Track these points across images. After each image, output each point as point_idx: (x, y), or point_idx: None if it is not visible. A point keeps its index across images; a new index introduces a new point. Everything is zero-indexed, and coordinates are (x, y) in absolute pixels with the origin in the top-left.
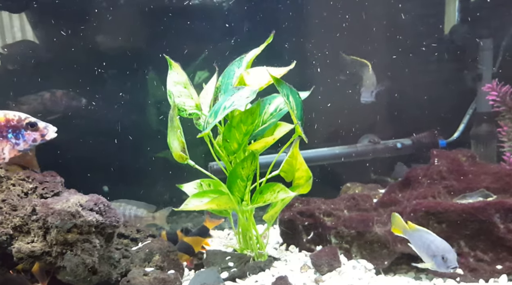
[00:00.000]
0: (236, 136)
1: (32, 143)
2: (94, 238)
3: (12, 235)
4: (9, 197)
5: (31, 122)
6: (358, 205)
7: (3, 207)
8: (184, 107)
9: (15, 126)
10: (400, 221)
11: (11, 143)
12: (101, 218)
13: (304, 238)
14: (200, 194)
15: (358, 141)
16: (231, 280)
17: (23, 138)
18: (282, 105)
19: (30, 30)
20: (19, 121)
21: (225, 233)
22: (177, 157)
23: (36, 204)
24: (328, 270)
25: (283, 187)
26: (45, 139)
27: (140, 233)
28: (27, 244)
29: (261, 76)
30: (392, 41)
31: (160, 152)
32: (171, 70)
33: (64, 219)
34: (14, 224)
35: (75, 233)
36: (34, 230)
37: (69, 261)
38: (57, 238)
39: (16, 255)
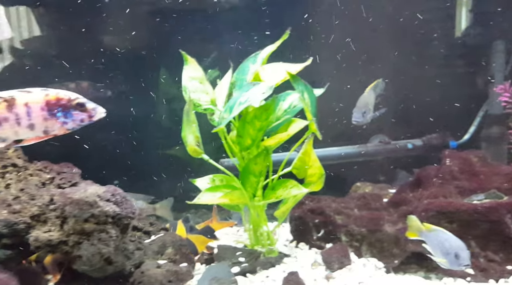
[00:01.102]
0: (250, 131)
1: (80, 123)
2: (111, 229)
3: (29, 224)
4: (27, 186)
5: (80, 102)
6: (368, 204)
7: (21, 196)
8: (199, 102)
9: (64, 105)
10: (417, 223)
11: (60, 121)
12: (118, 209)
13: (314, 235)
14: (213, 188)
15: (369, 141)
16: (242, 275)
17: (71, 117)
18: (296, 102)
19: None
20: (69, 100)
21: (234, 230)
22: (191, 151)
23: (54, 194)
24: (338, 267)
25: (296, 184)
26: (93, 120)
27: (153, 226)
28: (44, 233)
29: (276, 72)
30: (404, 43)
31: (170, 149)
32: (187, 65)
33: (82, 209)
34: (32, 213)
35: (92, 223)
36: (51, 219)
37: (86, 251)
38: (75, 227)
39: (34, 243)
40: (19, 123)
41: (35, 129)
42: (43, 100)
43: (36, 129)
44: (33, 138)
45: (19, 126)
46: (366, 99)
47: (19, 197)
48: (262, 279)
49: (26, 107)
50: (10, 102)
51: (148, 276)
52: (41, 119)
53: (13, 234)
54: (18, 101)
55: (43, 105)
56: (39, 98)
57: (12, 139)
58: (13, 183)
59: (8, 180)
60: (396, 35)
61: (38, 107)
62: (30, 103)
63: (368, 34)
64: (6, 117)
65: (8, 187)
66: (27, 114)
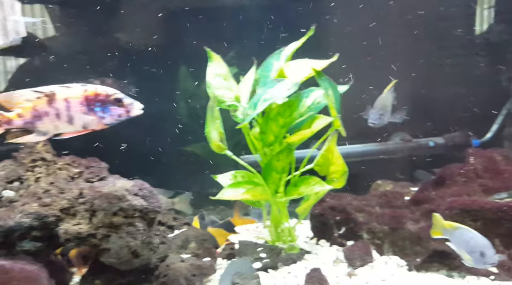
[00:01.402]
0: (273, 128)
1: (117, 118)
2: (138, 222)
3: (59, 217)
4: (56, 180)
5: (118, 98)
6: (390, 202)
7: (51, 189)
8: (223, 99)
9: (103, 101)
10: (441, 222)
11: (98, 116)
12: (145, 203)
13: (335, 233)
14: (235, 184)
15: (390, 138)
16: (263, 270)
17: (109, 112)
18: (319, 99)
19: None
20: (107, 96)
21: (254, 225)
22: (215, 147)
23: (83, 188)
24: (360, 264)
25: (318, 180)
26: (130, 115)
27: (176, 221)
28: (73, 226)
29: (301, 68)
30: (425, 41)
31: (188, 146)
32: (211, 62)
33: (111, 202)
34: (62, 206)
35: (120, 216)
36: (80, 212)
37: (114, 244)
38: (103, 220)
39: (64, 236)
40: (59, 117)
41: (74, 123)
42: (82, 95)
43: (75, 123)
44: (71, 132)
45: (59, 121)
46: (383, 100)
47: (49, 190)
48: (284, 275)
49: (66, 102)
50: (50, 96)
51: (173, 269)
52: (80, 113)
53: (43, 227)
54: (58, 96)
55: (82, 100)
56: (79, 93)
57: (52, 133)
58: (42, 177)
59: (38, 173)
60: (417, 32)
61: (78, 102)
62: (70, 98)
63: (388, 31)
64: (47, 111)
65: (38, 180)
66: (67, 109)
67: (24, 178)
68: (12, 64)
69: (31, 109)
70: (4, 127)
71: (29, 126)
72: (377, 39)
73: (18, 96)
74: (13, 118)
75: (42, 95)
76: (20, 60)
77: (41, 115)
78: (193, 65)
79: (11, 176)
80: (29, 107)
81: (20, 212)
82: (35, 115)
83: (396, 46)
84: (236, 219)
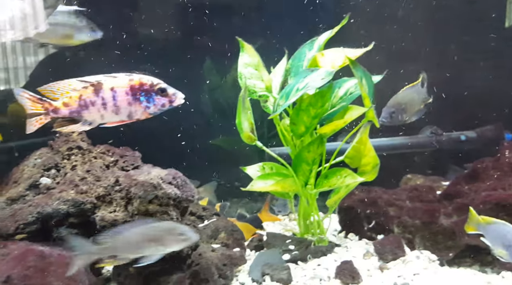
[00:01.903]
0: (304, 119)
1: (161, 108)
2: (172, 211)
3: (95, 204)
4: (92, 168)
5: (162, 88)
6: (421, 196)
7: (87, 177)
8: (254, 89)
9: (147, 90)
10: (475, 217)
11: (143, 106)
12: (179, 192)
13: (365, 226)
14: (265, 176)
15: (420, 132)
16: (292, 262)
17: (153, 102)
18: (352, 89)
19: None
20: (152, 85)
21: (281, 218)
22: (246, 137)
23: (119, 176)
24: (392, 258)
25: (350, 172)
26: (173, 105)
27: (206, 211)
28: (109, 213)
29: (335, 57)
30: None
31: (214, 139)
32: (243, 52)
33: (147, 190)
34: (98, 194)
35: (155, 204)
36: (116, 200)
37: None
38: (139, 208)
39: (100, 223)
40: (105, 107)
41: (120, 113)
42: (128, 84)
43: (121, 113)
44: (116, 121)
45: (105, 110)
46: (398, 99)
47: (85, 178)
48: (313, 267)
49: (112, 91)
50: (97, 86)
51: (206, 258)
52: (125, 103)
53: (80, 214)
54: (104, 85)
55: (128, 90)
56: (124, 83)
57: (98, 122)
58: (78, 165)
59: (74, 161)
60: (448, 24)
61: (123, 92)
62: (116, 88)
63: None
64: (93, 101)
65: (74, 168)
66: (113, 98)
67: (61, 166)
68: (31, 59)
69: (78, 99)
70: (51, 115)
71: (75, 116)
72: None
73: (65, 86)
74: (60, 107)
75: (89, 84)
76: (39, 55)
77: (88, 104)
78: (219, 58)
79: (48, 164)
80: (75, 97)
81: (58, 199)
82: (81, 104)
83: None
84: (264, 214)
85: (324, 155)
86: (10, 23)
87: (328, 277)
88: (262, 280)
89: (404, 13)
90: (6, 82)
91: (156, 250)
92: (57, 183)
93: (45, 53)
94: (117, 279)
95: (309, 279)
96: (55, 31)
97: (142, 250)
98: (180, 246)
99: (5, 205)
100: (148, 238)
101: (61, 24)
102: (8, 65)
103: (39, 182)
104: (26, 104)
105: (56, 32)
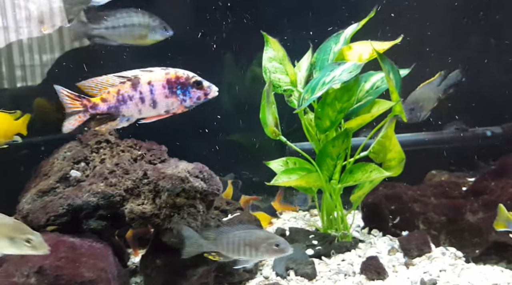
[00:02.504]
0: (329, 113)
1: (196, 101)
2: (198, 204)
3: (124, 197)
4: (121, 161)
5: (197, 81)
6: (446, 193)
7: (116, 170)
8: (278, 83)
9: (183, 83)
10: (505, 214)
11: (179, 99)
12: (205, 185)
13: (389, 222)
14: (289, 171)
15: (445, 127)
16: (316, 257)
17: (189, 95)
18: (379, 83)
19: None
20: (187, 79)
21: (301, 214)
22: (270, 132)
23: (147, 169)
24: (417, 254)
25: (376, 167)
26: (208, 97)
27: (229, 205)
28: (138, 206)
29: (362, 50)
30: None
31: (232, 135)
32: (267, 46)
33: (175, 183)
34: (127, 186)
35: (183, 197)
36: (144, 193)
37: (176, 224)
38: (167, 201)
39: (129, 215)
40: (143, 101)
41: (157, 107)
42: (164, 78)
43: (158, 107)
44: (153, 116)
45: (143, 104)
46: (417, 95)
47: (114, 171)
48: (338, 262)
49: (149, 85)
50: (134, 81)
51: None
52: (163, 96)
53: (109, 206)
54: (142, 80)
55: (164, 83)
56: (161, 76)
57: (136, 117)
58: (107, 158)
59: (102, 155)
60: (474, 18)
61: (160, 85)
62: (153, 82)
63: (447, 17)
64: (131, 95)
65: (103, 161)
66: (150, 92)
67: (90, 159)
68: (47, 57)
69: (116, 94)
70: (90, 112)
71: (113, 111)
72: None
73: (102, 81)
74: (98, 102)
75: (125, 79)
76: (55, 53)
77: (126, 99)
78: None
79: (78, 157)
80: (113, 92)
81: (88, 192)
82: (120, 99)
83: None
84: (277, 203)
85: (349, 150)
86: (48, 16)
87: (353, 272)
88: (286, 275)
89: (432, 5)
90: (23, 80)
91: (250, 255)
92: (87, 176)
93: (61, 51)
94: (144, 271)
95: (334, 274)
96: (131, 31)
97: (239, 253)
98: (273, 256)
99: (36, 197)
100: (246, 242)
101: (137, 25)
102: (24, 62)
103: (69, 174)
104: (65, 102)
105: (132, 32)
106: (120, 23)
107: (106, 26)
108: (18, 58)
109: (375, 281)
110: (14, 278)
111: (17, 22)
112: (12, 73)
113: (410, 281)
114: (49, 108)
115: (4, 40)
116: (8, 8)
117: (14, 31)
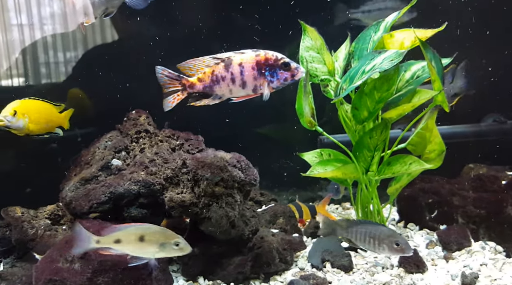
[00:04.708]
0: (367, 103)
1: (283, 82)
2: (236, 194)
3: (164, 186)
4: (160, 151)
5: (285, 62)
6: (485, 186)
7: (156, 159)
8: (315, 73)
9: (272, 65)
10: None
11: (267, 80)
12: (243, 175)
13: (427, 216)
14: (324, 162)
15: (482, 120)
16: (352, 250)
17: (277, 76)
18: (420, 72)
19: None
20: (276, 60)
21: (333, 207)
22: (306, 122)
23: (186, 158)
24: (457, 248)
25: (416, 159)
26: (294, 79)
27: (263, 196)
28: (177, 194)
29: (404, 38)
30: None
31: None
32: (305, 35)
33: (214, 173)
34: (166, 175)
35: (221, 186)
36: (183, 182)
37: (215, 213)
38: (206, 190)
39: (169, 203)
40: (234, 81)
41: (246, 87)
42: (254, 59)
43: (247, 87)
44: (242, 96)
45: (234, 85)
46: None
47: (154, 160)
48: (374, 255)
49: (239, 66)
50: (227, 62)
51: (268, 242)
52: (252, 77)
53: (150, 194)
54: (234, 61)
55: (254, 65)
56: (251, 58)
57: (227, 96)
58: (146, 148)
59: (142, 144)
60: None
61: (250, 66)
62: (244, 63)
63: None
64: (224, 76)
65: (143, 151)
66: (240, 73)
67: (130, 148)
68: (71, 54)
69: (210, 74)
70: (188, 91)
71: (207, 90)
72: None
73: (200, 63)
74: (195, 82)
75: (219, 61)
76: (79, 51)
77: (219, 79)
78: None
79: (119, 146)
80: (208, 72)
81: (129, 180)
82: (213, 79)
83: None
84: (320, 207)
85: (387, 141)
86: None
87: (391, 265)
88: (322, 266)
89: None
90: (48, 77)
91: (374, 247)
92: (127, 165)
93: (84, 49)
94: (182, 259)
95: (371, 267)
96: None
97: (364, 243)
98: (392, 253)
99: (79, 185)
100: (371, 235)
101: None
102: (49, 59)
103: (111, 163)
104: (165, 82)
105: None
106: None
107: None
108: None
109: (414, 274)
110: (59, 263)
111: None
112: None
113: (450, 275)
114: (83, 98)
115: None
116: (34, 5)
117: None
